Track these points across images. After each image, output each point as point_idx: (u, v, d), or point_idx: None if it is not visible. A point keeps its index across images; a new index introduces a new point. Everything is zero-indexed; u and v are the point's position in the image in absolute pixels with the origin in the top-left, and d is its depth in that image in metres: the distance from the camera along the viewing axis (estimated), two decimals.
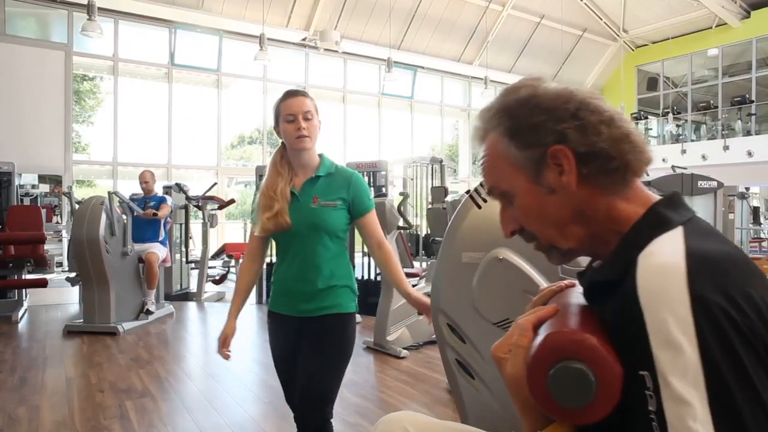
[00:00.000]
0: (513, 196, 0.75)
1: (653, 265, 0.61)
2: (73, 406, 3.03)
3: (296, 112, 1.66)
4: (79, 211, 4.75)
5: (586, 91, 0.73)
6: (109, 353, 4.13)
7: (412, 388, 3.39)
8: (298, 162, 1.72)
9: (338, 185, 1.72)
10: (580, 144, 0.69)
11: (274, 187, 1.67)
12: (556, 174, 0.70)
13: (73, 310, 5.92)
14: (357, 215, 1.73)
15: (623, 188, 0.71)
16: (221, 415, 2.93)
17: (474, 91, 14.95)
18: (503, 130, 0.73)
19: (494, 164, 0.76)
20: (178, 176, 11.92)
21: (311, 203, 1.68)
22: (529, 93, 0.73)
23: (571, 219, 0.72)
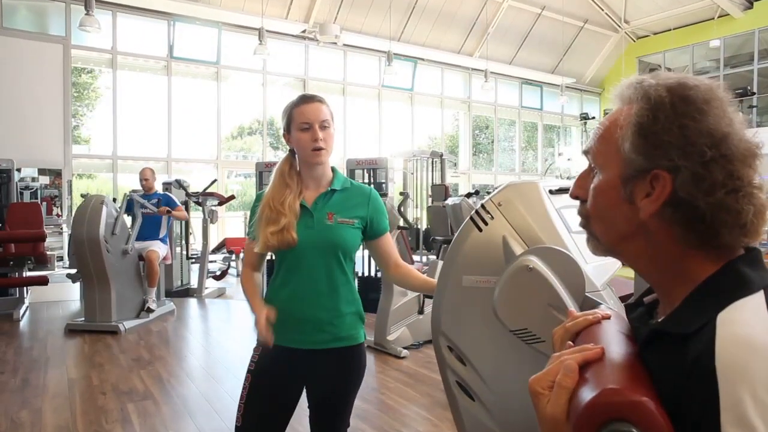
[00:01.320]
0: (599, 174, 0.71)
1: (737, 337, 0.57)
2: (76, 410, 3.05)
3: (312, 120, 1.52)
4: (80, 210, 4.74)
5: (745, 146, 0.64)
6: (111, 353, 4.14)
7: (413, 389, 3.41)
8: (310, 174, 1.58)
9: (356, 202, 1.60)
10: (685, 189, 0.63)
11: (281, 199, 1.52)
12: (643, 191, 0.66)
13: (75, 307, 5.94)
14: (373, 236, 1.63)
15: (697, 248, 0.65)
16: (222, 419, 2.95)
17: (474, 83, 14.87)
18: (636, 120, 0.67)
19: (606, 138, 0.71)
20: (177, 169, 11.92)
21: (326, 220, 1.54)
22: (692, 105, 0.65)
23: (628, 234, 0.69)
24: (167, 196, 5.59)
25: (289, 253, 1.55)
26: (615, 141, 0.69)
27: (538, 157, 17.31)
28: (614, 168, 0.69)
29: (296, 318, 1.54)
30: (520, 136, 16.70)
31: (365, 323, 1.69)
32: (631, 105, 0.69)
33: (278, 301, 1.56)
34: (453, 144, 16.10)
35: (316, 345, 1.55)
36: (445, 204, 5.03)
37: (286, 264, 1.57)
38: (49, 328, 4.95)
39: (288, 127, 1.59)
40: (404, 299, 4.26)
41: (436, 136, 15.50)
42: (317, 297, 1.54)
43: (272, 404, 1.57)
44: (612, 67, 16.83)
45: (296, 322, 1.55)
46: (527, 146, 17.47)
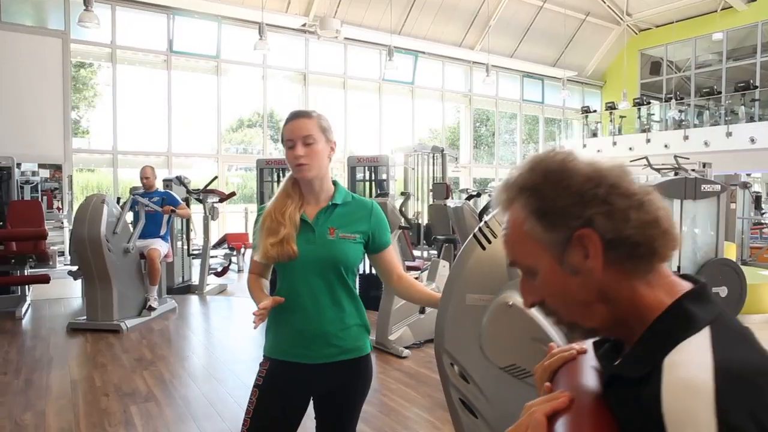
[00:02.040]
0: (536, 271, 0.74)
1: (680, 381, 0.59)
2: (79, 412, 3.06)
3: (295, 137, 1.50)
4: (81, 209, 4.74)
5: (617, 170, 0.71)
6: (113, 353, 4.16)
7: (414, 390, 3.42)
8: (309, 190, 1.57)
9: (358, 217, 1.58)
10: (608, 230, 0.68)
11: (283, 210, 1.52)
12: (581, 256, 0.69)
13: (76, 304, 5.96)
14: (375, 250, 1.62)
15: (648, 273, 0.70)
16: (225, 421, 2.97)
17: (475, 76, 14.81)
18: (529, 210, 0.72)
19: (518, 240, 0.75)
20: (178, 164, 11.90)
21: (328, 234, 1.53)
22: (558, 172, 0.71)
23: (594, 300, 0.72)
24: (169, 194, 5.59)
25: (290, 268, 1.54)
26: (527, 237, 0.73)
27: (540, 150, 17.27)
28: (544, 257, 0.72)
29: (301, 333, 1.54)
30: (522, 129, 16.65)
31: (368, 319, 1.68)
32: (514, 203, 0.74)
33: (283, 316, 1.56)
34: (454, 137, 16.06)
35: (323, 359, 1.54)
36: (446, 203, 5.03)
37: (289, 279, 1.57)
38: (51, 326, 4.97)
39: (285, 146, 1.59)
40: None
41: (437, 128, 15.47)
42: (321, 311, 1.53)
43: (279, 419, 1.58)
44: (614, 60, 16.75)
45: (302, 337, 1.54)
46: (528, 139, 17.42)
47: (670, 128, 14.49)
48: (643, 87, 16.42)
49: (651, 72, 16.55)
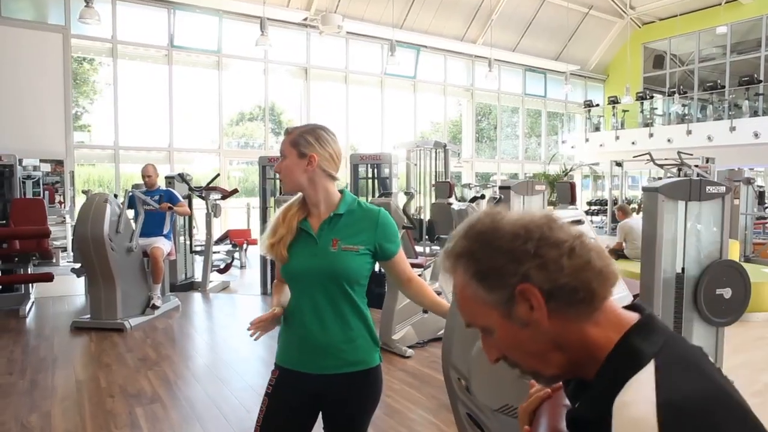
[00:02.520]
0: (491, 330, 0.77)
1: (628, 421, 0.62)
2: (85, 413, 3.07)
3: (279, 152, 1.58)
4: (83, 208, 4.74)
5: (543, 221, 0.74)
6: (117, 352, 4.17)
7: (418, 391, 3.43)
8: (309, 201, 1.58)
9: (362, 227, 1.56)
10: (544, 281, 0.70)
11: (286, 213, 1.57)
12: (526, 309, 0.72)
13: (80, 302, 5.97)
14: (383, 258, 1.59)
15: (592, 314, 0.72)
16: (230, 423, 2.98)
17: (477, 70, 14.76)
18: (470, 274, 0.75)
19: (466, 303, 0.78)
20: (179, 159, 11.89)
21: (330, 246, 1.52)
22: (488, 233, 0.74)
23: (548, 349, 0.74)
24: (169, 191, 5.59)
25: (295, 280, 1.57)
26: (473, 300, 0.76)
27: (542, 144, 17.22)
28: (493, 315, 0.74)
29: (306, 343, 1.55)
30: (524, 123, 16.60)
31: (372, 317, 1.66)
32: (456, 270, 0.77)
33: (289, 324, 1.59)
34: (456, 130, 16.02)
35: (327, 370, 1.55)
36: (449, 201, 5.02)
37: (294, 290, 1.59)
38: (55, 325, 4.98)
39: None
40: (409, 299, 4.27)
41: (439, 121, 15.43)
42: (323, 324, 1.53)
43: (287, 428, 1.59)
44: (617, 53, 16.67)
45: (307, 347, 1.55)
46: (530, 133, 17.37)
47: (673, 123, 14.44)
48: (646, 81, 16.35)
49: (654, 66, 16.47)
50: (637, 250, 6.75)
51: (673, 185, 3.26)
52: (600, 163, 14.69)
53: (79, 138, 11.22)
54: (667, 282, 3.32)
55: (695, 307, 3.35)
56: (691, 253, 3.34)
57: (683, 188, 3.26)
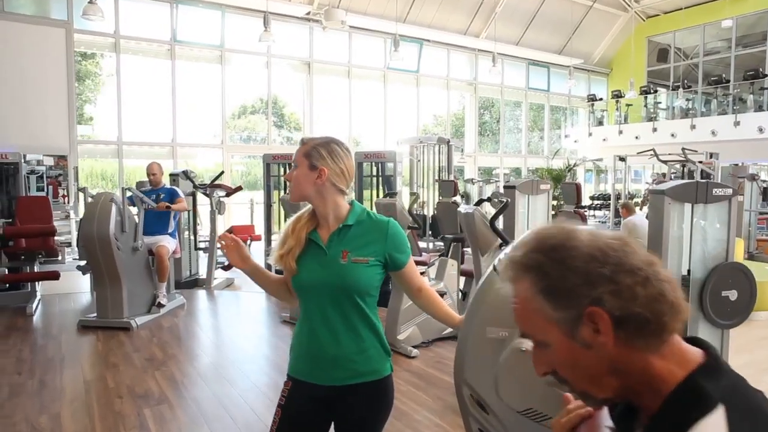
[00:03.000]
0: (548, 344, 0.76)
1: None
2: (94, 414, 3.10)
3: (292, 160, 1.59)
4: (89, 208, 4.76)
5: (619, 245, 0.72)
6: (124, 352, 4.20)
7: (424, 393, 3.45)
8: (317, 212, 1.58)
9: (372, 238, 1.56)
10: (616, 308, 0.69)
11: (295, 224, 1.58)
12: (592, 332, 0.71)
13: (85, 299, 6.00)
14: (394, 269, 1.59)
15: (659, 346, 0.72)
16: (238, 425, 3.00)
17: (481, 64, 14.69)
18: (537, 289, 0.74)
19: (528, 316, 0.77)
20: (183, 154, 11.89)
21: (340, 258, 1.52)
22: (562, 251, 0.73)
23: (605, 372, 0.73)
24: (171, 189, 5.59)
25: (305, 291, 1.57)
26: (537, 314, 0.75)
27: (545, 138, 17.17)
28: (554, 331, 0.74)
29: (316, 355, 1.56)
30: (527, 117, 16.54)
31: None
32: (520, 281, 0.76)
33: (299, 336, 1.61)
34: (459, 123, 15.97)
35: (337, 381, 1.55)
36: (454, 200, 5.02)
37: (304, 301, 1.59)
38: (61, 323, 5.01)
39: None
40: None
41: (442, 114, 15.38)
42: (334, 336, 1.54)
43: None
44: (621, 47, 16.57)
45: (317, 359, 1.56)
46: (533, 127, 17.32)
47: (677, 117, 14.37)
48: (650, 75, 16.26)
49: (658, 59, 16.38)
50: None
51: (680, 188, 3.25)
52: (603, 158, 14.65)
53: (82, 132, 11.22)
54: None
55: (700, 309, 3.35)
56: (696, 255, 3.34)
57: (690, 190, 3.25)
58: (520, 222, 4.64)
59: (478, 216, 2.88)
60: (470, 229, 2.94)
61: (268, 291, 1.77)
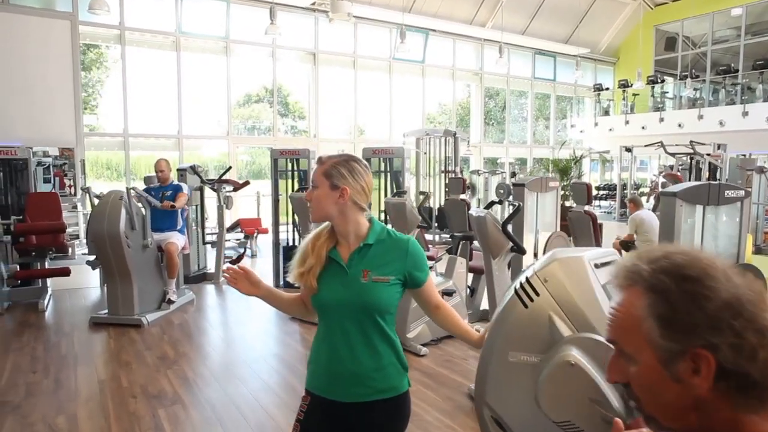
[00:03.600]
0: (636, 361, 0.73)
1: None
2: (109, 415, 3.15)
3: (310, 181, 1.60)
4: (98, 207, 4.78)
5: (756, 299, 0.68)
6: (136, 350, 4.24)
7: (434, 393, 3.48)
8: (337, 231, 1.59)
9: (392, 257, 1.56)
10: (729, 361, 0.66)
11: (315, 241, 1.59)
12: (689, 370, 0.67)
13: (95, 294, 6.06)
14: (413, 287, 1.61)
15: (757, 408, 0.68)
16: (251, 426, 3.04)
17: (487, 54, 14.59)
18: (654, 313, 0.70)
19: (627, 328, 0.73)
20: (188, 146, 11.90)
21: (361, 278, 1.53)
22: (697, 285, 0.68)
23: (686, 408, 0.70)
24: (178, 186, 5.59)
25: (324, 309, 1.59)
26: (640, 332, 0.71)
27: (551, 128, 17.08)
28: (649, 355, 0.70)
29: (335, 372, 1.58)
30: (533, 107, 16.45)
31: None
32: (634, 292, 0.72)
33: (317, 352, 1.62)
34: (464, 113, 15.89)
35: (356, 398, 1.57)
36: (461, 197, 5.02)
37: (324, 318, 1.61)
38: (73, 320, 5.06)
39: None
40: None
41: (447, 103, 15.30)
42: (353, 353, 1.55)
43: None
44: (628, 36, 16.41)
45: (336, 376, 1.58)
46: (539, 115, 17.22)
47: (684, 107, 14.26)
48: (658, 63, 16.11)
49: (666, 48, 16.22)
50: (648, 242, 6.73)
51: (692, 190, 3.25)
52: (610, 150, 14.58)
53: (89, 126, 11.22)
54: None
55: None
56: None
57: (702, 193, 3.25)
58: (529, 220, 4.64)
59: (490, 220, 2.89)
60: (482, 232, 2.95)
61: (285, 311, 1.78)
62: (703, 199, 3.28)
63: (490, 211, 2.93)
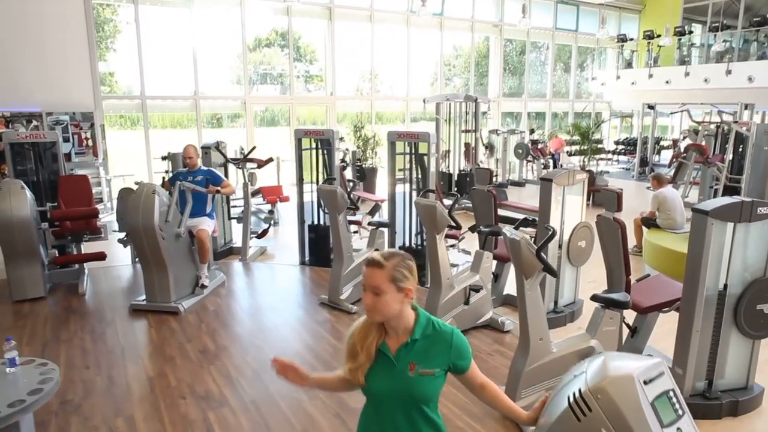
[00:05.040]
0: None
1: None
2: (163, 418, 3.38)
3: (367, 285, 1.62)
4: (133, 200, 4.90)
5: None
6: (178, 342, 4.47)
7: (464, 395, 3.65)
8: (389, 325, 1.66)
9: (438, 351, 1.66)
10: None
11: (364, 339, 1.67)
12: None
13: (128, 273, 6.30)
14: (457, 373, 1.72)
15: None
16: (296, 429, 3.26)
17: (506, 4, 14.06)
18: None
19: None
20: (206, 106, 11.85)
21: (408, 371, 1.62)
22: None
23: None
24: (212, 172, 5.68)
25: (372, 397, 1.69)
26: None
27: (571, 80, 16.65)
28: None
29: None
30: (553, 59, 15.98)
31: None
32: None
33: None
34: (480, 58, 15.46)
35: None
36: (489, 189, 5.06)
37: (373, 405, 1.71)
38: (113, 305, 5.30)
39: None
40: (452, 292, 4.46)
41: (464, 47, 14.91)
42: None
43: None
44: None
45: None
46: (559, 64, 16.75)
47: (712, 60, 13.79)
48: (686, 12, 15.44)
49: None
50: (670, 220, 6.77)
51: (725, 208, 3.27)
52: (633, 110, 14.26)
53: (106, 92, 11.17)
54: (709, 299, 3.43)
55: (734, 322, 3.47)
56: (735, 271, 3.41)
57: (734, 210, 3.28)
58: (555, 214, 4.70)
59: (524, 245, 2.97)
60: (516, 255, 3.04)
61: (334, 391, 1.86)
62: (735, 216, 3.31)
63: (525, 237, 3.00)
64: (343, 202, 5.01)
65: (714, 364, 3.54)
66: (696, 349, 3.47)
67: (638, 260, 6.96)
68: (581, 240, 4.88)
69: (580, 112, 14.93)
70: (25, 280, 5.32)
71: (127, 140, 12.84)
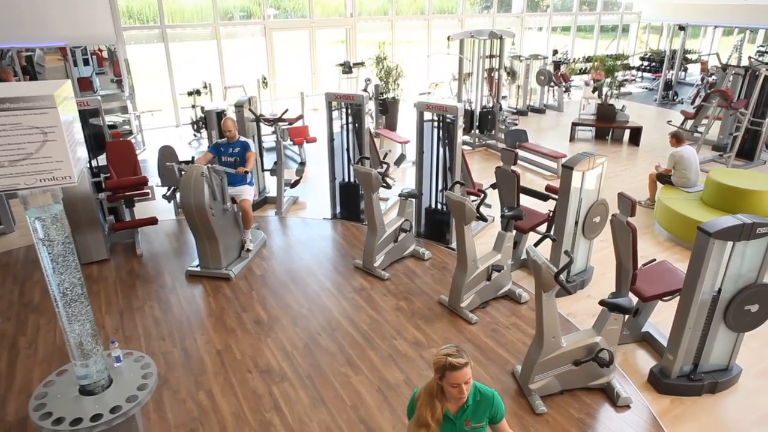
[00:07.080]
0: None
1: None
2: (237, 393, 4.06)
3: (461, 382, 2.23)
4: (184, 181, 5.33)
5: None
6: (235, 312, 5.11)
7: (484, 370, 4.31)
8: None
9: (484, 409, 2.37)
10: None
11: (431, 410, 2.28)
12: None
13: (174, 228, 6.89)
14: (493, 423, 2.42)
15: None
16: (347, 405, 3.95)
17: None
18: None
19: None
20: (225, 34, 11.72)
21: (465, 427, 2.35)
22: None
23: None
24: (245, 143, 6.03)
25: None
26: None
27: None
28: None
29: None
30: None
31: (435, 259, 2.51)
32: None
33: None
34: None
35: None
36: (513, 169, 5.40)
37: None
38: (170, 270, 5.92)
39: (441, 377, 2.25)
40: (476, 272, 4.99)
41: None
42: None
43: None
44: None
45: None
46: None
47: None
48: None
49: None
50: (684, 179, 7.08)
51: (727, 230, 3.65)
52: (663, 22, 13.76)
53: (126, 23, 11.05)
54: (703, 302, 3.93)
55: (723, 318, 3.99)
56: (729, 279, 3.87)
57: (735, 231, 3.66)
58: (573, 199, 5.08)
59: (545, 268, 3.44)
60: (537, 274, 3.53)
61: None
62: (735, 236, 3.70)
63: (546, 261, 3.45)
64: (378, 183, 5.40)
65: (701, 351, 4.12)
66: (687, 342, 4.03)
67: (649, 214, 7.38)
68: (596, 216, 5.30)
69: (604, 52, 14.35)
70: (90, 245, 5.94)
71: (148, 55, 12.81)
